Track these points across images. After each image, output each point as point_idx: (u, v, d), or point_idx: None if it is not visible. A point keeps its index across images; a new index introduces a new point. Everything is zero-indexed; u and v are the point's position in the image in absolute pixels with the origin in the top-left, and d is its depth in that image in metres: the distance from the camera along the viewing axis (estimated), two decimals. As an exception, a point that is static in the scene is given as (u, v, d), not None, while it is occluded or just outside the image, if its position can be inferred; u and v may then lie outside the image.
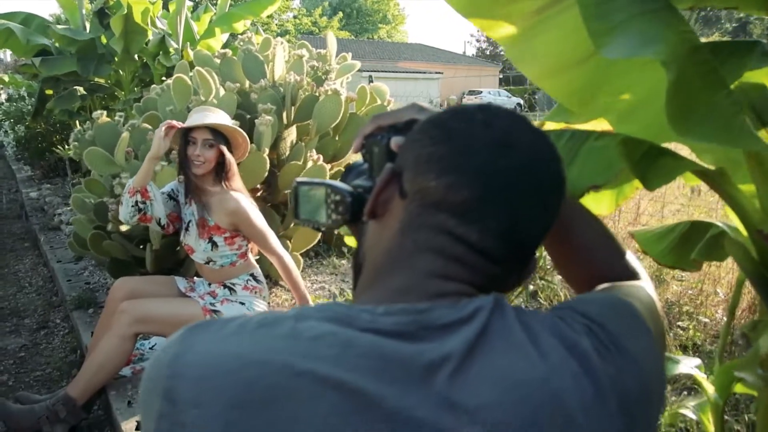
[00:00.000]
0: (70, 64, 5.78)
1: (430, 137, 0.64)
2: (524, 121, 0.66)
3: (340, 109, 3.56)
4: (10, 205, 8.33)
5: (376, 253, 0.67)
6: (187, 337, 0.57)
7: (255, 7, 6.08)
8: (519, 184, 0.61)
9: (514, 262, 0.64)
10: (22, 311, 4.20)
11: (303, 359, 0.52)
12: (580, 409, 0.54)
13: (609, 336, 0.61)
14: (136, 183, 2.58)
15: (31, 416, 2.42)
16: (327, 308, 0.58)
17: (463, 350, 0.54)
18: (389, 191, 0.66)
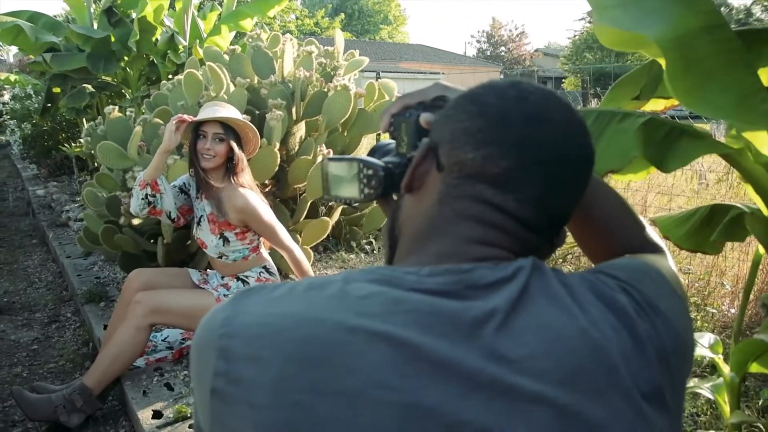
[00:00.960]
0: (80, 60, 5.80)
1: (466, 112, 0.67)
2: (556, 97, 0.68)
3: (350, 105, 3.59)
4: (16, 203, 8.38)
5: (416, 223, 0.69)
6: (238, 301, 0.58)
7: (262, 5, 6.11)
8: (553, 156, 0.64)
9: (548, 230, 0.67)
10: (33, 305, 4.24)
11: (354, 316, 0.54)
12: (621, 359, 0.57)
13: (642, 296, 0.64)
14: (146, 176, 2.62)
15: (48, 405, 2.45)
16: (373, 271, 0.60)
17: (507, 306, 0.57)
18: (426, 165, 0.68)
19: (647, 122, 1.12)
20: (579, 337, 0.57)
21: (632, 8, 0.95)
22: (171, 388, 2.55)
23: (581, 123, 0.68)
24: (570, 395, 0.54)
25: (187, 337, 2.87)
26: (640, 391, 0.57)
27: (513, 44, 50.14)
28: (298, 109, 3.70)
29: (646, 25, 0.93)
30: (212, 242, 2.72)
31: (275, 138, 3.30)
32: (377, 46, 38.90)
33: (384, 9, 50.63)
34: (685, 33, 0.95)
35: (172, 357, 2.80)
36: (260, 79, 3.77)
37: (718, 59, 0.99)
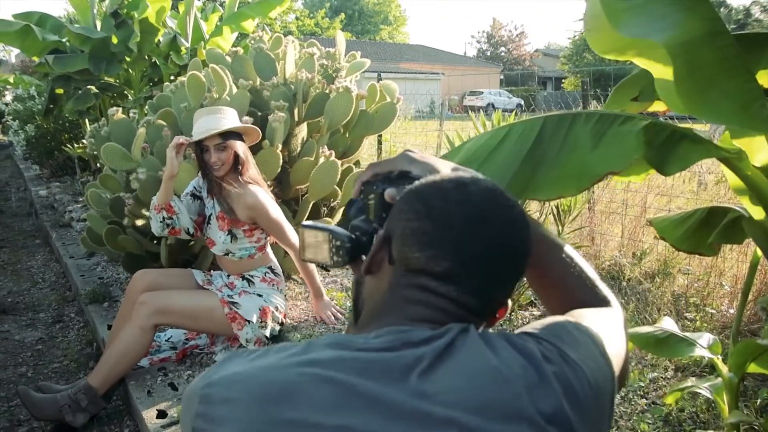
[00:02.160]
0: (82, 62, 5.83)
1: (415, 211, 0.78)
2: (499, 197, 0.79)
3: (351, 107, 3.62)
4: (19, 203, 8.40)
5: (374, 302, 0.83)
6: (222, 363, 0.74)
7: (263, 7, 6.13)
8: (491, 254, 0.76)
9: (488, 311, 0.80)
10: (36, 305, 4.26)
11: (308, 366, 0.68)
12: (526, 389, 0.69)
13: (552, 346, 0.75)
14: (159, 201, 2.68)
15: (53, 405, 2.47)
16: (331, 337, 0.74)
17: (432, 355, 0.70)
18: (381, 254, 0.81)
19: (648, 126, 1.15)
20: (490, 374, 0.69)
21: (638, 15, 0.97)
22: (175, 388, 2.57)
23: (520, 219, 0.79)
24: (478, 419, 0.66)
25: (190, 337, 2.89)
26: (543, 415, 0.68)
27: (513, 44, 50.16)
28: (300, 110, 3.73)
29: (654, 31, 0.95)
30: (220, 239, 2.76)
31: (278, 139, 3.33)
32: (377, 47, 38.93)
33: (384, 9, 50.66)
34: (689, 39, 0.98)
35: (176, 357, 2.82)
36: (262, 81, 3.79)
37: (720, 66, 1.01)
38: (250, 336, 2.69)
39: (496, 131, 1.33)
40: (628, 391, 2.24)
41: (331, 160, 3.43)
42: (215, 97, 3.45)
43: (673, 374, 2.36)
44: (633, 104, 1.50)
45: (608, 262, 3.29)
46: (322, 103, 3.68)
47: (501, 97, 31.72)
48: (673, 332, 1.54)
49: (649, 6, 1.02)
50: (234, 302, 2.67)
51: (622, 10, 1.01)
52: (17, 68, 18.10)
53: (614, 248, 3.44)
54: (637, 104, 1.49)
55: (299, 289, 3.47)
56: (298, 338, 2.86)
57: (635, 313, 2.77)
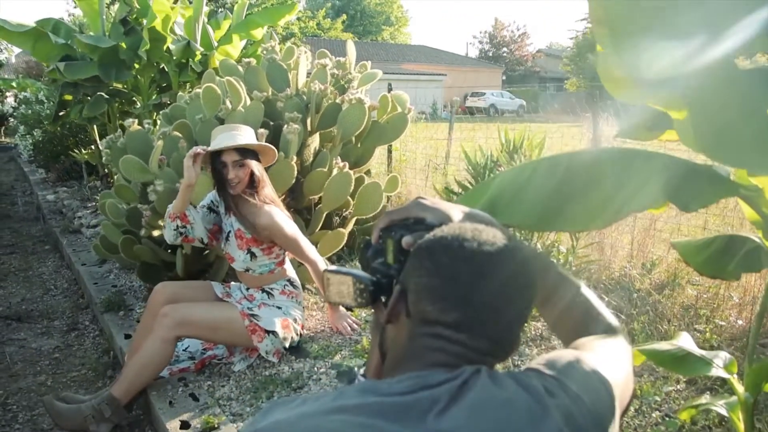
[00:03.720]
0: (92, 70, 5.88)
1: (425, 268, 0.86)
2: (501, 249, 0.86)
3: (364, 118, 3.67)
4: (26, 207, 8.46)
5: (396, 349, 0.91)
6: (267, 410, 0.84)
7: (272, 14, 6.19)
8: (496, 304, 0.84)
9: (500, 351, 0.88)
10: (51, 313, 4.31)
11: (339, 413, 0.77)
12: (529, 421, 0.77)
13: (555, 380, 0.84)
14: (174, 209, 2.73)
15: (78, 415, 2.53)
16: (361, 384, 0.86)
17: (447, 396, 0.78)
18: (399, 306, 0.89)
19: (669, 163, 1.20)
20: (498, 411, 0.77)
21: None
22: (196, 399, 2.63)
23: (522, 267, 0.87)
24: None
25: (207, 347, 2.94)
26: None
27: (515, 45, 50.16)
28: (313, 121, 3.78)
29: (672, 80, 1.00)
30: (240, 257, 2.81)
31: (292, 151, 3.38)
32: (379, 48, 38.98)
33: (386, 10, 50.67)
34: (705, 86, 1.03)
35: (195, 367, 2.87)
36: (275, 92, 3.84)
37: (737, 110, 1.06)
38: (270, 348, 2.75)
39: (523, 167, 1.39)
40: (641, 404, 2.29)
41: (345, 172, 3.48)
42: (230, 109, 3.50)
43: (685, 387, 2.41)
44: (646, 133, 1.55)
45: (618, 272, 3.34)
46: (335, 113, 3.73)
47: (503, 98, 31.81)
48: (691, 351, 1.59)
49: None
50: (254, 314, 2.73)
51: None
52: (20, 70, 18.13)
53: (623, 258, 3.49)
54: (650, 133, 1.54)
55: (314, 299, 3.52)
56: (315, 349, 2.92)
57: (646, 325, 2.82)
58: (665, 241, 3.54)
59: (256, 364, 2.84)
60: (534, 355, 2.80)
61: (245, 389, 2.65)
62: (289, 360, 2.85)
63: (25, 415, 2.89)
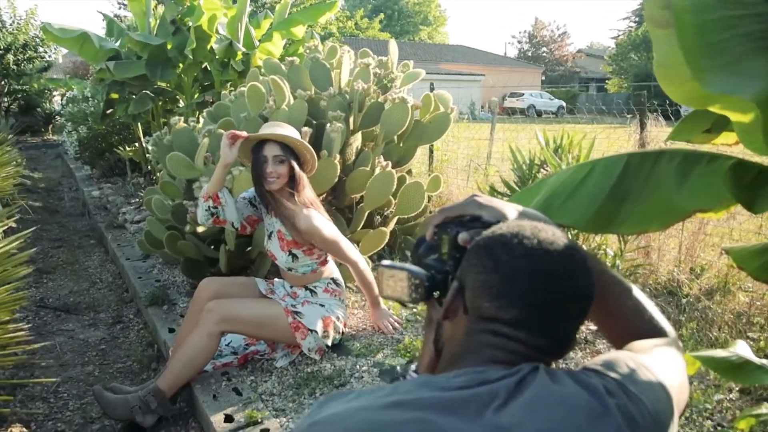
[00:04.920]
0: (139, 68, 6.01)
1: (483, 266, 0.87)
2: (559, 247, 0.86)
3: (407, 117, 3.66)
4: (72, 202, 8.68)
5: (452, 345, 0.92)
6: (321, 404, 0.85)
7: (313, 13, 6.23)
8: (554, 302, 0.84)
9: (557, 349, 0.88)
10: (97, 306, 4.41)
11: (395, 407, 0.78)
12: (588, 422, 0.76)
13: (614, 380, 0.83)
14: (209, 189, 2.75)
15: (125, 405, 2.58)
16: (417, 378, 0.86)
17: (506, 392, 0.78)
18: (456, 303, 0.90)
19: (736, 165, 1.16)
20: (557, 408, 0.77)
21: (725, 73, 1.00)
22: (239, 393, 2.66)
23: (581, 266, 0.87)
24: None
25: (250, 342, 2.97)
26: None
27: (555, 45, 49.56)
28: (356, 119, 3.79)
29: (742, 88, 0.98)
30: (282, 257, 2.83)
31: (335, 149, 3.39)
32: (417, 47, 38.93)
33: (424, 10, 50.59)
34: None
35: (237, 362, 2.90)
36: (317, 90, 3.86)
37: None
38: (313, 345, 2.76)
39: (578, 167, 1.37)
40: (692, 412, 2.23)
41: (388, 171, 3.48)
42: (274, 107, 3.53)
43: (738, 396, 2.34)
44: (701, 136, 1.51)
45: (665, 277, 3.27)
46: (378, 113, 3.73)
47: (542, 98, 31.45)
48: (749, 359, 1.54)
49: (735, 65, 1.04)
50: (297, 312, 2.75)
51: (709, 68, 1.03)
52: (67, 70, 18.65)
53: (670, 263, 3.41)
54: (706, 136, 1.50)
55: (355, 298, 3.53)
56: (357, 347, 2.92)
57: (695, 332, 2.75)
58: (714, 246, 3.45)
59: (298, 360, 2.86)
60: (578, 358, 2.76)
61: (287, 385, 2.67)
62: (331, 357, 2.87)
63: (75, 403, 2.97)
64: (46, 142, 17.80)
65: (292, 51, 6.53)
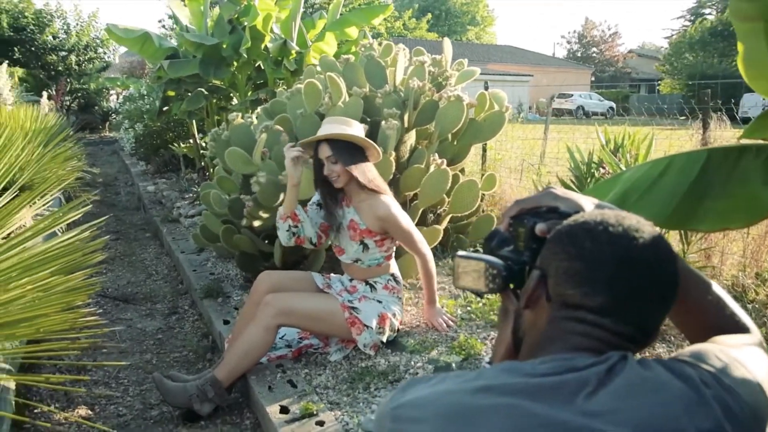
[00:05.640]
0: (193, 67, 6.15)
1: (566, 252, 0.86)
2: (644, 235, 0.85)
3: (462, 115, 3.65)
4: (128, 197, 8.95)
5: (534, 333, 0.91)
6: (404, 387, 0.86)
7: (367, 14, 6.27)
8: (641, 289, 0.83)
9: (642, 338, 0.87)
10: (153, 297, 4.54)
11: (484, 392, 0.78)
12: (685, 412, 0.75)
13: (708, 372, 0.82)
14: (284, 210, 2.79)
15: (183, 393, 2.64)
16: (502, 364, 0.85)
17: (596, 379, 0.78)
18: (538, 291, 0.89)
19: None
20: (650, 395, 0.76)
21: None
22: (294, 385, 2.69)
23: (666, 253, 0.86)
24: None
25: (303, 336, 3.00)
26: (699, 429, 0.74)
27: (605, 45, 48.59)
28: (410, 117, 3.79)
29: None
30: (352, 248, 2.85)
31: (390, 146, 3.40)
32: (464, 48, 38.69)
33: (471, 10, 50.29)
34: None
35: (292, 355, 2.93)
36: (372, 88, 3.88)
37: None
38: (368, 341, 2.78)
39: (655, 162, 1.34)
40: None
41: (443, 169, 3.47)
42: (330, 104, 3.57)
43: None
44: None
45: (728, 281, 3.16)
46: (432, 111, 3.73)
47: (592, 99, 30.87)
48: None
49: None
50: (354, 307, 2.76)
51: None
52: (124, 70, 19.23)
53: (733, 267, 3.30)
54: None
55: (408, 295, 3.53)
56: (411, 343, 2.92)
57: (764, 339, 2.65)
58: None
59: (352, 355, 2.88)
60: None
61: (342, 379, 2.69)
62: (385, 353, 2.87)
63: (135, 389, 3.06)
64: (103, 138, 18.39)
65: (344, 51, 6.57)
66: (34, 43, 19.52)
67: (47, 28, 19.94)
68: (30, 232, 2.18)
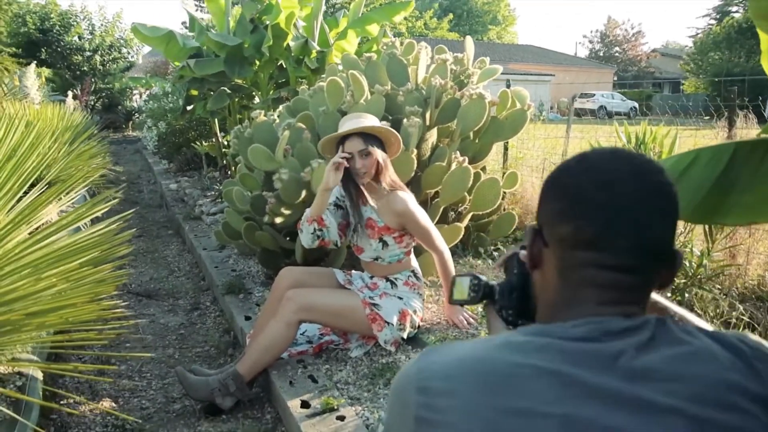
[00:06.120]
0: (218, 66, 6.21)
1: (552, 195, 0.85)
2: (619, 152, 0.84)
3: (484, 114, 3.64)
4: (150, 195, 9.05)
5: (548, 295, 0.87)
6: (426, 355, 0.80)
7: (388, 11, 6.28)
8: (630, 205, 0.79)
9: (654, 265, 0.81)
10: (175, 293, 4.59)
11: (519, 356, 0.73)
12: (737, 371, 0.73)
13: (752, 345, 0.78)
14: (312, 213, 2.77)
15: (205, 387, 2.67)
16: (528, 328, 0.80)
17: (635, 346, 0.74)
18: (537, 245, 0.87)
19: None
20: (700, 366, 0.73)
21: None
22: (315, 381, 2.70)
23: (650, 164, 0.82)
24: (698, 407, 0.69)
25: (324, 332, 3.01)
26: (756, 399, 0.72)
27: (628, 44, 48.07)
28: (432, 115, 3.79)
29: None
30: (371, 246, 2.85)
31: (412, 144, 3.40)
32: (486, 47, 38.49)
33: (493, 9, 50.06)
34: None
35: (313, 351, 2.95)
36: (394, 86, 3.88)
37: None
38: (389, 337, 2.78)
39: (681, 156, 1.33)
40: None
41: (465, 167, 3.47)
42: (352, 102, 3.58)
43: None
44: None
45: (754, 281, 3.12)
46: (454, 108, 3.72)
47: (614, 99, 30.55)
48: None
49: None
50: (375, 304, 2.77)
51: None
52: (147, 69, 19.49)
53: (759, 266, 3.25)
54: None
55: (429, 292, 3.53)
56: (432, 340, 2.92)
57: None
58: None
59: (373, 351, 2.89)
60: None
61: (362, 375, 2.70)
62: (405, 349, 2.88)
63: (157, 382, 3.10)
64: (127, 138, 18.62)
65: (366, 49, 6.59)
66: (60, 43, 19.89)
67: (72, 28, 20.28)
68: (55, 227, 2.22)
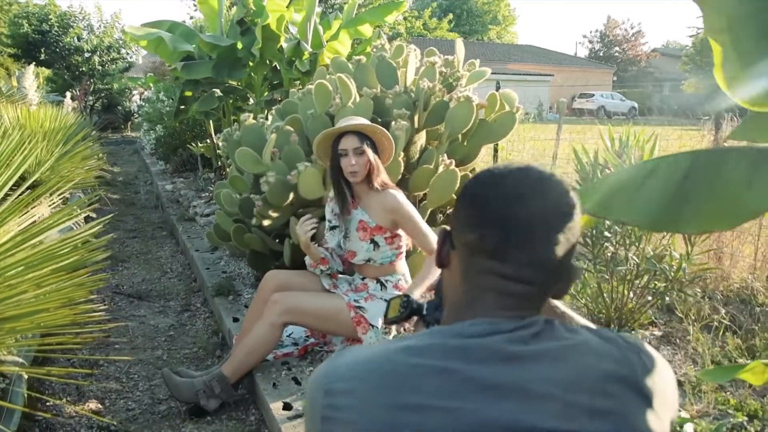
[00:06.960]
0: (206, 70, 6.23)
1: (462, 203, 0.90)
2: (530, 172, 0.88)
3: (472, 116, 3.65)
4: (147, 196, 9.07)
5: (453, 294, 0.93)
6: (334, 359, 0.86)
7: (381, 12, 6.29)
8: (530, 222, 0.84)
9: (551, 278, 0.87)
10: (167, 294, 4.61)
11: (417, 358, 0.79)
12: (611, 360, 0.81)
13: (627, 343, 0.86)
14: (311, 262, 2.92)
15: (191, 389, 2.69)
16: (429, 330, 0.87)
17: (523, 341, 0.80)
18: (446, 247, 0.93)
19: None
20: (578, 357, 0.80)
21: None
22: (298, 383, 2.72)
23: (557, 185, 0.87)
24: (572, 394, 0.77)
25: (310, 334, 3.03)
26: (634, 385, 0.80)
27: (628, 44, 48.05)
28: (420, 118, 3.80)
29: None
30: (363, 248, 2.86)
31: (399, 147, 3.41)
32: (485, 47, 38.56)
33: (493, 9, 50.04)
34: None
35: (298, 353, 2.97)
36: (383, 88, 3.89)
37: None
38: (374, 340, 2.80)
39: (642, 164, 1.34)
40: (764, 426, 2.14)
41: (452, 169, 3.48)
42: (340, 105, 3.59)
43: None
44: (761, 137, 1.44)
45: (738, 284, 3.13)
46: (442, 111, 3.73)
47: (613, 99, 30.58)
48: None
49: None
50: (360, 306, 2.79)
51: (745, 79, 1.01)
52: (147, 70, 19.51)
53: (744, 270, 3.27)
54: None
55: (414, 295, 3.55)
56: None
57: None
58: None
59: (357, 354, 2.90)
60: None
61: (346, 377, 2.71)
62: (389, 352, 2.89)
63: (144, 384, 3.12)
64: (125, 138, 18.66)
65: (359, 50, 6.61)
66: (58, 44, 19.92)
67: (71, 29, 20.31)
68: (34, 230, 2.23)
